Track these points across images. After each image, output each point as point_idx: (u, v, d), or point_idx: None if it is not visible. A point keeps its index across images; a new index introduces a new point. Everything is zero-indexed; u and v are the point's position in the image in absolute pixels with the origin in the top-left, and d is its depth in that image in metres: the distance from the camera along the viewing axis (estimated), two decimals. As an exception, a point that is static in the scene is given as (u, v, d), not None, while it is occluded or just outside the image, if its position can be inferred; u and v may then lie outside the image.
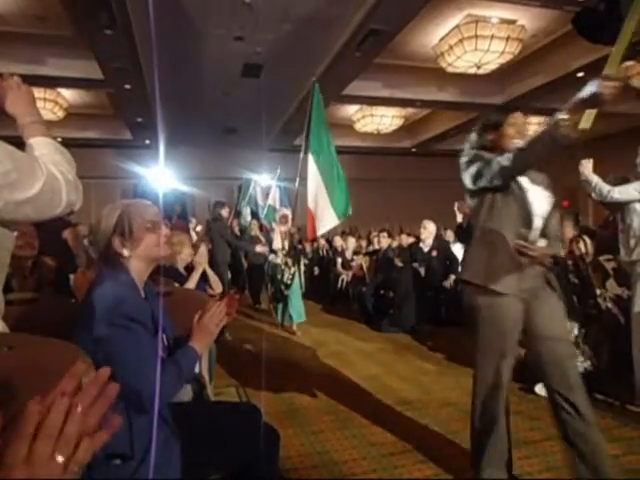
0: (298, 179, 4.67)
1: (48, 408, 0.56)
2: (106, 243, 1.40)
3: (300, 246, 5.85)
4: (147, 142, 10.99)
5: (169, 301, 1.48)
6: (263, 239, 7.24)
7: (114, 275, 1.39)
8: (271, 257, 6.05)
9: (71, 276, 3.03)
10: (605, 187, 3.18)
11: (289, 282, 5.54)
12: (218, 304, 1.48)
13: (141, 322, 1.32)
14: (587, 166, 3.28)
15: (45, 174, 1.07)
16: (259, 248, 7.23)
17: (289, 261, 5.59)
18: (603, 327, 3.55)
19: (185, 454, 1.36)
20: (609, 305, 3.49)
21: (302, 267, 5.85)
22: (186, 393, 1.82)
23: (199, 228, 7.63)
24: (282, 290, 5.62)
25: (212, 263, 5.90)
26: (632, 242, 3.15)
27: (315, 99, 4.52)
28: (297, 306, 5.65)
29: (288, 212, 5.83)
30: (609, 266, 3.93)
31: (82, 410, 0.57)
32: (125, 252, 1.39)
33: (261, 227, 7.89)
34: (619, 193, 3.14)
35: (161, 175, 7.93)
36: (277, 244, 5.94)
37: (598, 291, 3.60)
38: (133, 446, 1.26)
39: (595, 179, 3.23)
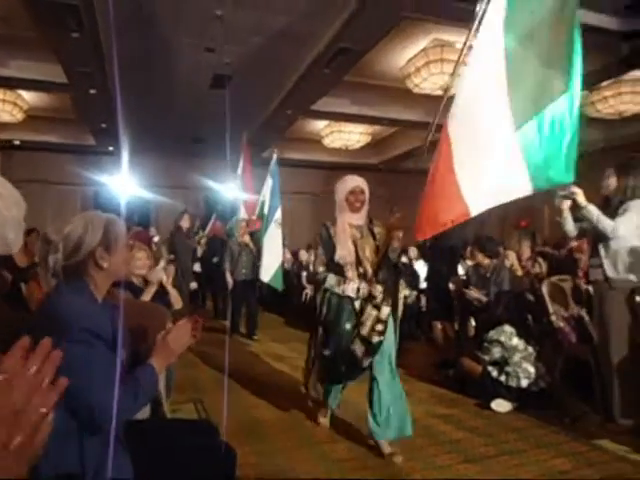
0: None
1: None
2: (87, 254, 1.37)
3: (405, 260, 3.20)
4: (110, 149, 10.73)
5: (123, 314, 1.45)
6: (253, 246, 6.05)
7: (74, 288, 1.35)
8: (327, 285, 2.83)
9: (22, 285, 2.91)
10: (609, 223, 2.96)
11: (375, 339, 2.70)
12: (184, 324, 1.46)
13: (103, 337, 1.29)
14: (581, 194, 2.97)
15: None
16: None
17: (376, 292, 2.73)
18: (556, 345, 3.69)
19: (138, 473, 1.32)
20: (561, 324, 3.63)
21: (400, 306, 3.23)
22: (143, 411, 1.77)
23: (157, 239, 7.38)
24: (354, 354, 2.70)
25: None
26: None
27: None
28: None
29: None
30: (566, 286, 4.09)
31: (42, 391, 0.58)
32: (105, 265, 1.39)
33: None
34: (622, 228, 2.95)
35: (124, 183, 7.76)
36: (318, 264, 2.91)
37: (551, 309, 3.74)
38: (84, 465, 1.22)
39: (596, 213, 2.97)
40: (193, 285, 6.37)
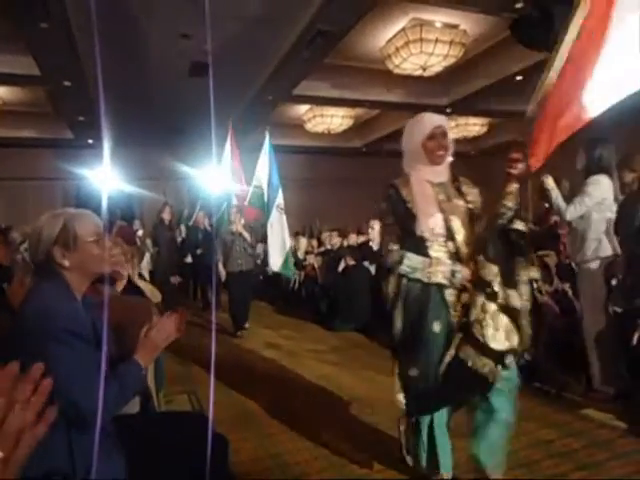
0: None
1: None
2: (46, 253, 1.37)
3: (521, 227, 2.11)
4: (90, 142, 10.54)
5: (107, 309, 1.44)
6: (247, 235, 5.71)
7: (51, 286, 1.35)
8: (405, 268, 2.10)
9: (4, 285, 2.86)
10: (562, 206, 3.09)
11: (499, 345, 1.90)
12: (167, 318, 1.46)
13: (81, 335, 1.29)
14: (549, 179, 3.14)
15: None
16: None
17: (489, 275, 1.94)
18: (540, 319, 3.76)
19: (131, 468, 1.33)
20: (545, 298, 3.70)
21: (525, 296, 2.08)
22: (133, 405, 1.78)
23: (140, 232, 7.28)
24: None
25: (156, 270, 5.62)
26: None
27: None
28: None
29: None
30: (550, 261, 4.16)
31: (20, 406, 0.59)
32: (66, 263, 1.37)
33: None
34: (570, 214, 3.09)
35: (106, 176, 7.63)
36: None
37: (535, 285, 3.80)
38: (75, 464, 1.23)
39: (555, 196, 3.09)
40: (173, 279, 6.22)
